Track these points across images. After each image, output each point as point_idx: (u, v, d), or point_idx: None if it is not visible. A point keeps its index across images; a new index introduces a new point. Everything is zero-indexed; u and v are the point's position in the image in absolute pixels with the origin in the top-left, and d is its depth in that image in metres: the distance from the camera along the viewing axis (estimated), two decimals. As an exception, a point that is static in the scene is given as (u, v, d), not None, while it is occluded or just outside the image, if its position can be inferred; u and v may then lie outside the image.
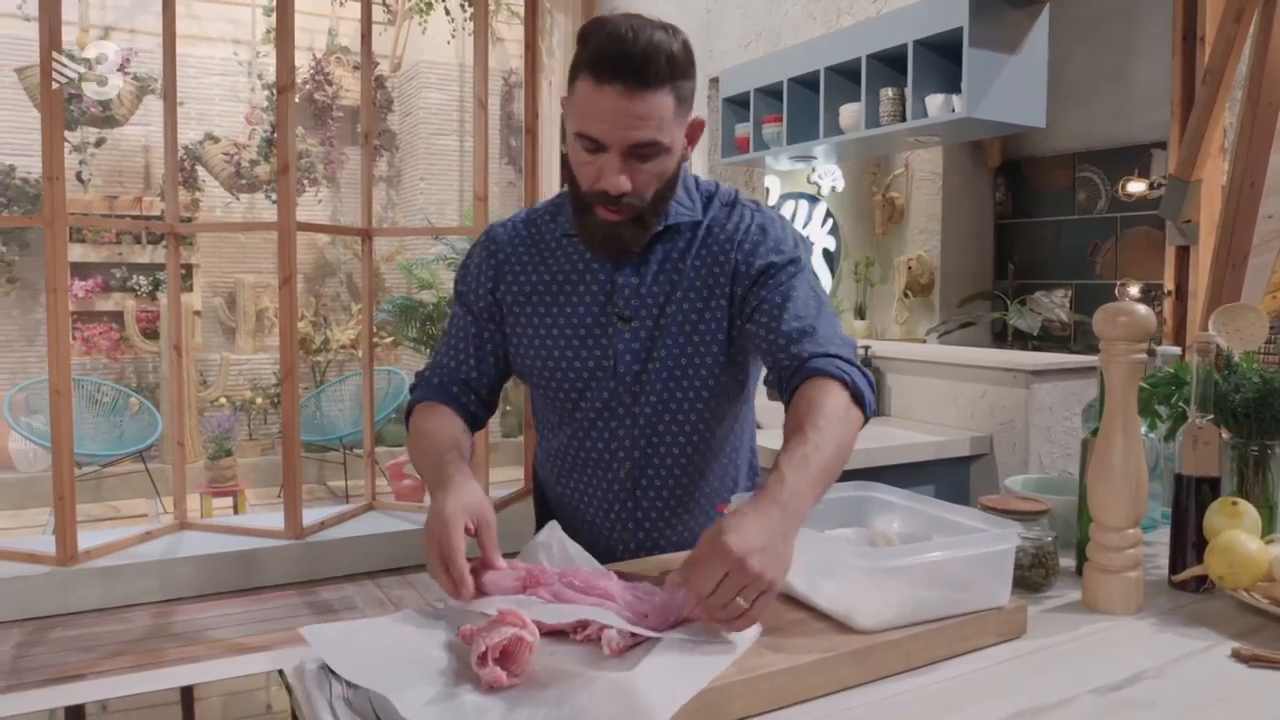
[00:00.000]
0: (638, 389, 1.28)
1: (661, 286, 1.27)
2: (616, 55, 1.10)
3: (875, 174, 5.25)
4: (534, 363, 1.32)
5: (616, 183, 1.16)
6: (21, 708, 0.86)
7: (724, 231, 1.29)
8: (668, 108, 1.14)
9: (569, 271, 1.30)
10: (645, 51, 1.10)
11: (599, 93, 1.12)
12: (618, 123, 1.13)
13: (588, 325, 1.28)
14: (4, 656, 3.14)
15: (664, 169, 1.19)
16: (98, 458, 5.18)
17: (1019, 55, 2.47)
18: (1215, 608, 1.14)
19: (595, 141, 1.15)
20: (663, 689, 0.79)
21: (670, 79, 1.13)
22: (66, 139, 5.37)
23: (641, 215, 1.21)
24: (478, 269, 1.36)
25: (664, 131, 1.15)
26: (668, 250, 1.28)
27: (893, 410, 2.74)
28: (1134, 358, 1.11)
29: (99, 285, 5.67)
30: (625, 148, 1.14)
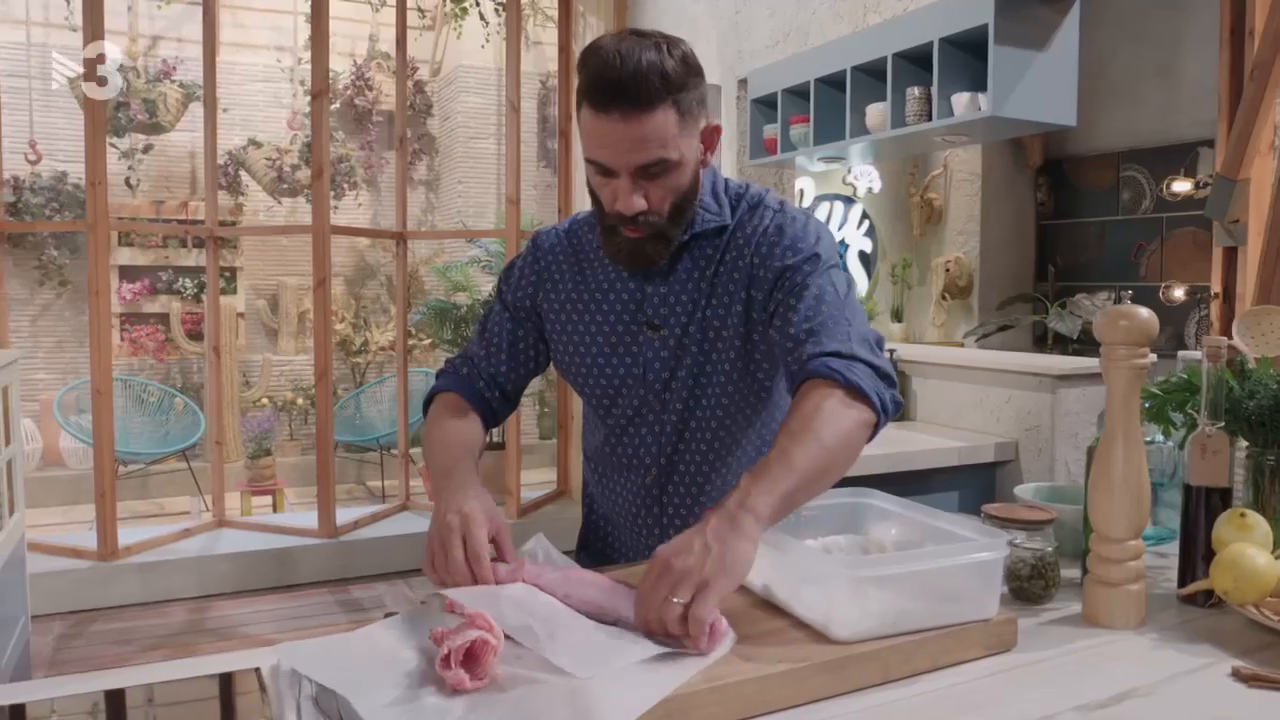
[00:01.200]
0: (666, 396, 1.30)
1: (690, 295, 1.29)
2: (609, 83, 1.11)
3: (913, 175, 5.18)
4: (571, 369, 1.36)
5: (630, 203, 1.17)
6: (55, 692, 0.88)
7: (743, 235, 1.28)
8: (669, 124, 1.14)
9: (602, 282, 1.33)
10: (635, 75, 1.10)
11: (599, 121, 1.13)
12: (621, 148, 1.14)
13: (618, 334, 1.31)
14: (46, 647, 3.24)
15: (678, 183, 1.20)
16: (143, 456, 5.31)
17: (1047, 52, 2.41)
18: (1222, 624, 1.10)
19: (604, 167, 1.17)
20: (619, 697, 0.78)
21: (667, 95, 1.12)
22: (115, 145, 5.54)
23: (663, 230, 1.22)
24: (521, 273, 1.40)
25: (669, 148, 1.15)
26: (695, 259, 1.29)
27: (918, 415, 2.69)
28: (1135, 363, 1.08)
29: (146, 288, 5.81)
30: (633, 170, 1.16)
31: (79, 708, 0.91)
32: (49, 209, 5.47)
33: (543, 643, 0.87)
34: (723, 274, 1.27)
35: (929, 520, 1.12)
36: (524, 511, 4.48)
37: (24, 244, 5.56)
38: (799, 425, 1.06)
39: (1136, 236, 4.50)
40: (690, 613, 0.88)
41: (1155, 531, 1.42)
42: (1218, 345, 1.16)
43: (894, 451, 2.27)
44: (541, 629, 0.89)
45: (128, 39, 5.59)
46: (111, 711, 0.93)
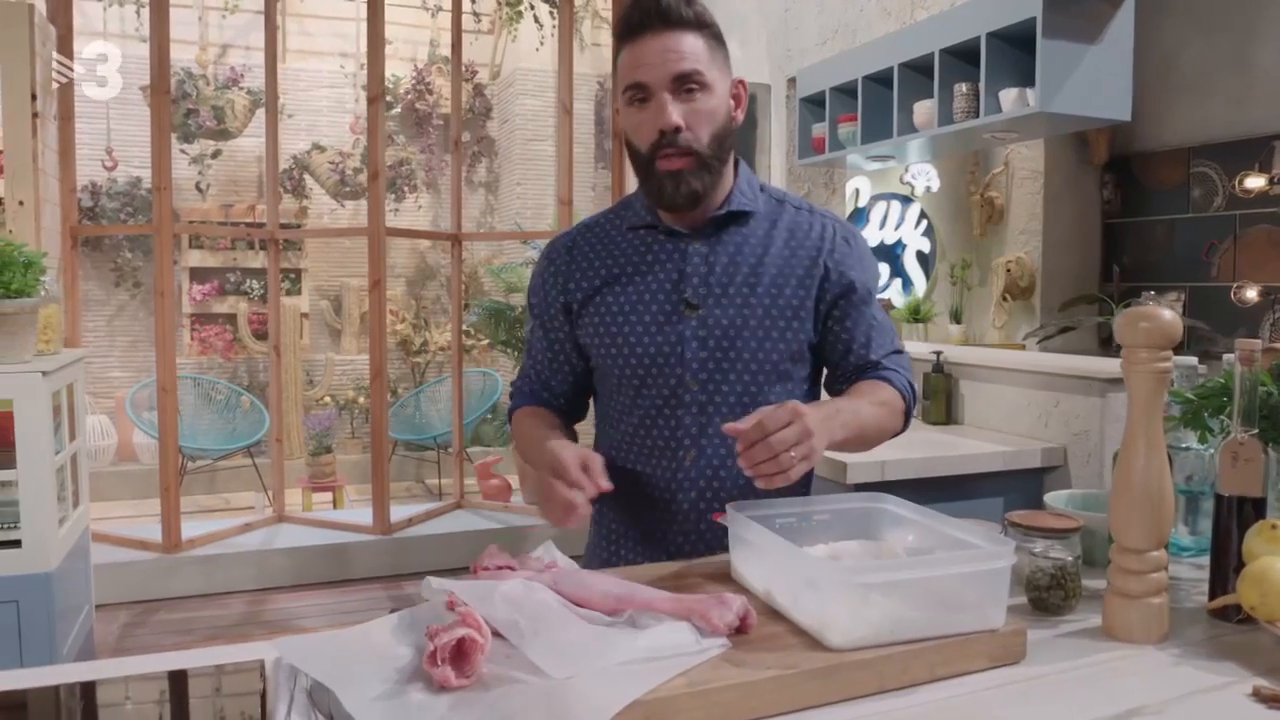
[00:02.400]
0: (704, 376, 1.30)
1: (731, 277, 1.30)
2: (643, 8, 1.22)
3: (973, 173, 5.06)
4: (607, 348, 1.35)
5: (669, 117, 1.21)
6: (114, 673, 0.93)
7: (808, 236, 1.33)
8: (701, 47, 1.23)
9: (637, 261, 1.34)
10: (667, 2, 1.21)
11: (636, 46, 1.23)
12: (656, 60, 1.21)
13: (653, 312, 1.31)
14: (111, 635, 3.37)
15: (713, 109, 1.24)
16: (210, 452, 5.49)
17: (1100, 45, 2.33)
18: (1252, 641, 1.05)
19: (641, 87, 1.23)
20: (594, 698, 0.78)
21: (697, 25, 1.23)
22: (185, 151, 5.73)
23: (705, 160, 1.25)
24: (541, 280, 1.42)
25: (702, 65, 1.22)
26: (736, 241, 1.32)
27: (965, 418, 2.63)
28: (1157, 366, 1.03)
29: (215, 289, 6.01)
30: (669, 82, 1.21)
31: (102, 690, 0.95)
32: (123, 213, 5.69)
33: (526, 640, 0.87)
34: (773, 261, 1.31)
35: (942, 527, 1.09)
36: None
37: (100, 247, 5.79)
38: (879, 401, 1.27)
39: (1207, 235, 4.32)
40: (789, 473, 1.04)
41: (1195, 542, 1.36)
42: (1251, 347, 1.11)
43: (935, 455, 2.22)
44: (528, 626, 0.89)
45: (198, 48, 5.78)
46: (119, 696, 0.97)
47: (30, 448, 2.40)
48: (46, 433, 2.43)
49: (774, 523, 1.15)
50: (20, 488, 2.39)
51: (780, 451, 1.04)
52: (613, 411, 1.40)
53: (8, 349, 2.36)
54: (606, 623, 0.96)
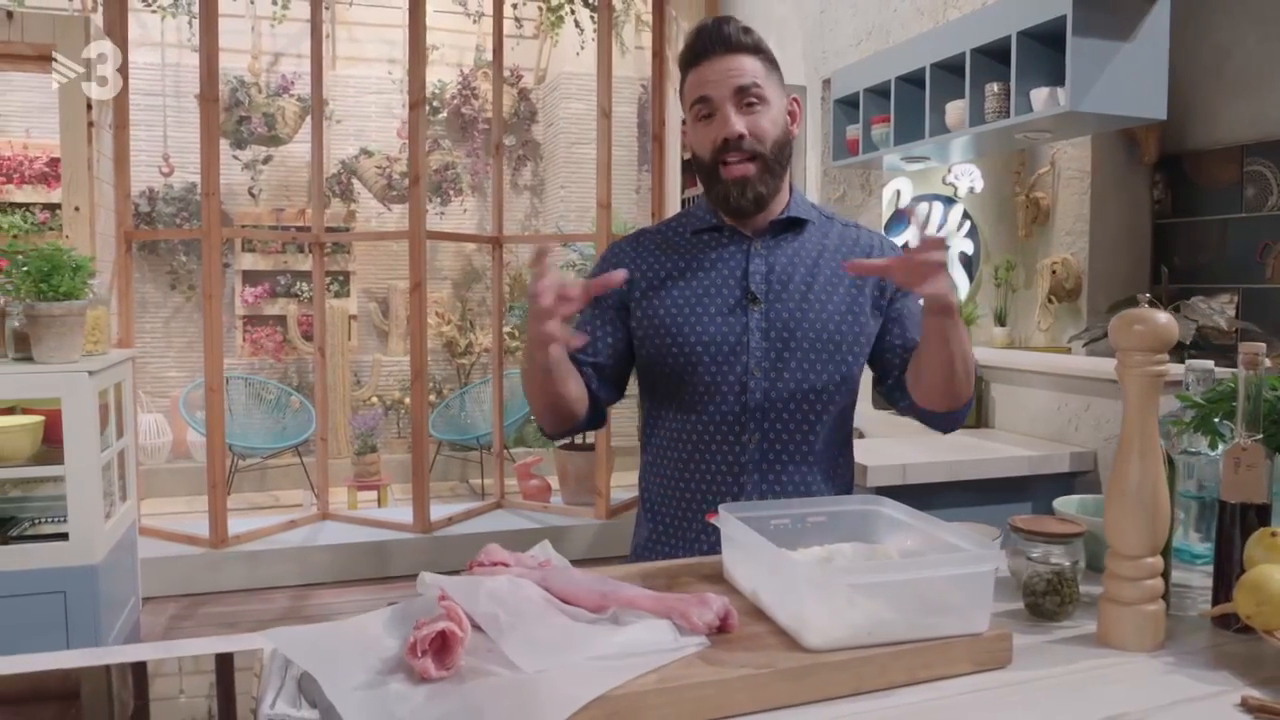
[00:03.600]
0: (766, 365, 1.37)
1: (790, 276, 1.40)
2: (705, 36, 1.35)
3: (1018, 173, 4.97)
4: (670, 338, 1.39)
5: (733, 126, 1.33)
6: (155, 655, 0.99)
7: (859, 245, 1.46)
8: (759, 67, 1.35)
9: (701, 259, 1.42)
10: (725, 29, 1.35)
11: (700, 69, 1.35)
12: (720, 78, 1.33)
13: (719, 304, 1.39)
14: (158, 627, 3.48)
15: (773, 119, 1.36)
16: (260, 450, 5.63)
17: (1134, 42, 2.28)
18: (1250, 650, 1.03)
19: (706, 101, 1.35)
20: (560, 692, 0.79)
21: (754, 49, 1.35)
22: (238, 157, 5.89)
23: (768, 162, 1.36)
24: (602, 265, 1.49)
25: (761, 81, 1.34)
26: (794, 246, 1.42)
27: (996, 422, 2.59)
28: (1151, 369, 1.02)
29: (266, 291, 6.16)
30: (732, 94, 1.33)
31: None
32: (179, 218, 5.87)
33: (504, 633, 0.89)
34: (827, 264, 1.42)
35: (935, 531, 1.09)
36: (613, 513, 4.53)
37: (157, 251, 5.98)
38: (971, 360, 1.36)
39: (1262, 235, 4.19)
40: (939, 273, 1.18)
41: (1208, 549, 1.33)
42: (1255, 351, 1.08)
43: (961, 459, 2.19)
44: (506, 621, 0.91)
45: (250, 56, 5.94)
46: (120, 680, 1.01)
47: (77, 444, 2.49)
48: (93, 430, 2.52)
49: (768, 524, 1.16)
50: (67, 483, 2.49)
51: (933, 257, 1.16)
52: (672, 402, 1.42)
53: (56, 349, 2.46)
54: (589, 619, 0.97)
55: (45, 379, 2.47)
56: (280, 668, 0.96)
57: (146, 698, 1.02)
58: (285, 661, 0.97)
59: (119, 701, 0.99)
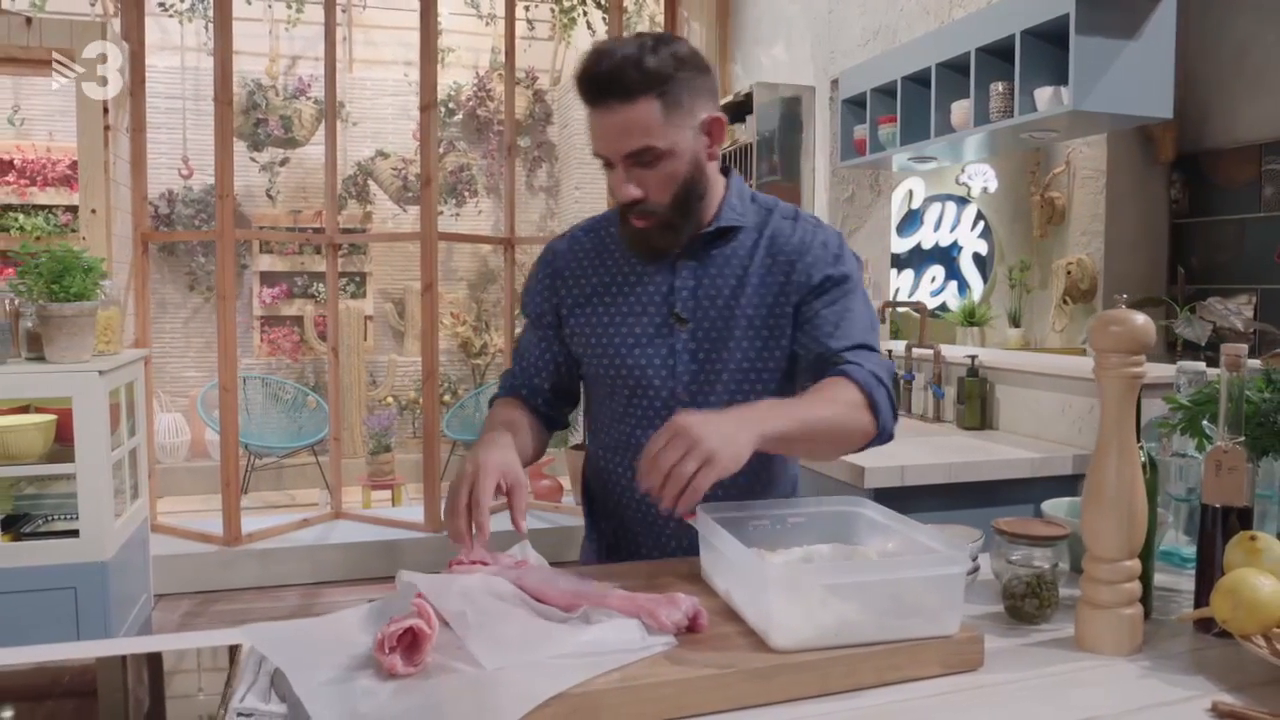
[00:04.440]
0: (695, 388, 1.31)
1: (720, 290, 1.31)
2: (589, 79, 1.19)
3: (1034, 173, 4.94)
4: (597, 357, 1.36)
5: (626, 191, 1.23)
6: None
7: (788, 243, 1.33)
8: (652, 114, 1.19)
9: (628, 273, 1.35)
10: (612, 70, 1.17)
11: (591, 115, 1.22)
12: (609, 136, 1.21)
13: (644, 325, 1.33)
14: (172, 623, 3.52)
15: (673, 172, 1.23)
16: (276, 450, 5.68)
17: (1139, 41, 2.25)
18: (1229, 655, 1.02)
19: (603, 158, 1.24)
20: (519, 689, 0.80)
21: (648, 88, 1.17)
22: (255, 159, 5.95)
23: (668, 220, 1.26)
24: (536, 283, 1.44)
25: (655, 137, 1.19)
26: (726, 254, 1.32)
27: (1000, 423, 2.57)
28: (1128, 371, 1.01)
29: (284, 292, 6.22)
30: (623, 158, 1.21)
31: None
32: (198, 219, 5.94)
33: (471, 630, 0.90)
34: (755, 272, 1.31)
35: (912, 533, 1.08)
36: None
37: (176, 252, 6.05)
38: (830, 397, 1.20)
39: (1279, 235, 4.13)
40: (694, 482, 1.00)
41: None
42: (1237, 353, 1.07)
43: (961, 461, 2.18)
44: (473, 618, 0.92)
45: (268, 59, 6.00)
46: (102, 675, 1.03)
47: (88, 443, 2.53)
48: (103, 429, 2.56)
49: (747, 525, 1.16)
50: (78, 481, 2.52)
51: (671, 468, 1.01)
52: (604, 418, 1.42)
53: (67, 349, 2.50)
54: (560, 618, 0.98)
55: (57, 378, 2.51)
56: (255, 663, 0.97)
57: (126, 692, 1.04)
58: (260, 657, 0.98)
59: (74, 697, 1.01)
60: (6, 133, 5.80)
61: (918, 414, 2.87)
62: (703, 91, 1.23)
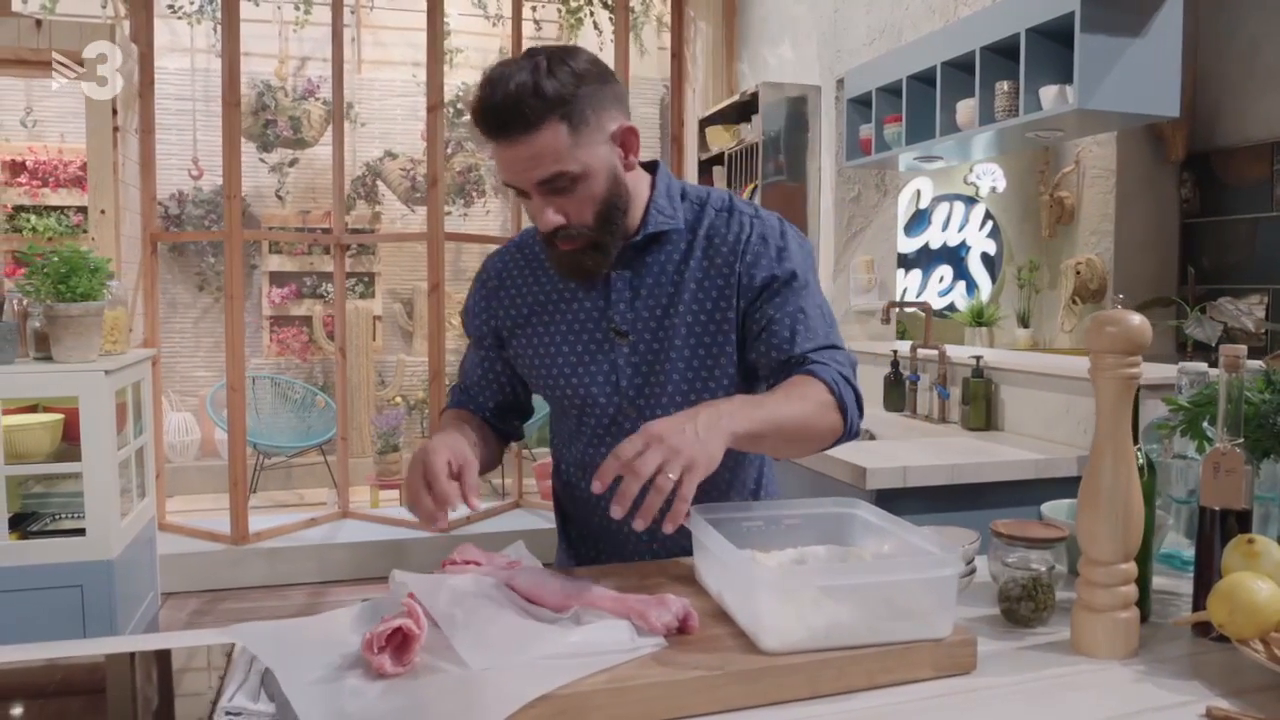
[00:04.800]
0: (642, 402, 1.28)
1: (658, 299, 1.27)
2: (484, 114, 1.12)
3: (1043, 172, 4.91)
4: (541, 379, 1.34)
5: (545, 220, 1.17)
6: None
7: (725, 241, 1.27)
8: (557, 139, 1.12)
9: (563, 290, 1.31)
10: (505, 101, 1.10)
11: (494, 148, 1.15)
12: (517, 168, 1.14)
13: (584, 341, 1.29)
14: (179, 621, 3.54)
15: (592, 193, 1.17)
16: (285, 449, 5.70)
17: (1145, 39, 2.24)
18: (1226, 659, 1.01)
19: (513, 188, 1.18)
20: (504, 689, 0.80)
21: (548, 112, 1.11)
22: (264, 160, 5.97)
23: (594, 240, 1.20)
24: (474, 302, 1.41)
25: (564, 161, 1.13)
26: (660, 261, 1.27)
27: (1005, 424, 2.56)
28: (1124, 372, 1.00)
29: (293, 292, 6.24)
30: (535, 187, 1.15)
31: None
32: (207, 220, 5.96)
33: (457, 630, 0.90)
34: (692, 275, 1.26)
35: (906, 535, 1.08)
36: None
37: (186, 252, 6.08)
38: (799, 395, 1.16)
39: (1292, 235, 4.10)
40: (680, 491, 0.97)
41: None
42: (1236, 353, 1.06)
43: (964, 462, 2.17)
44: (462, 618, 0.92)
45: (277, 60, 6.02)
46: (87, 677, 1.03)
47: (94, 442, 2.54)
48: (109, 428, 2.57)
49: (741, 526, 1.16)
50: (84, 479, 2.54)
51: (650, 477, 0.96)
52: (562, 434, 1.41)
53: (74, 349, 2.51)
54: (550, 619, 0.98)
55: (63, 378, 2.52)
56: (246, 663, 0.97)
57: (104, 690, 1.04)
58: (251, 657, 0.98)
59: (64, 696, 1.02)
60: (19, 134, 5.83)
61: (923, 415, 2.86)
62: (609, 103, 1.16)
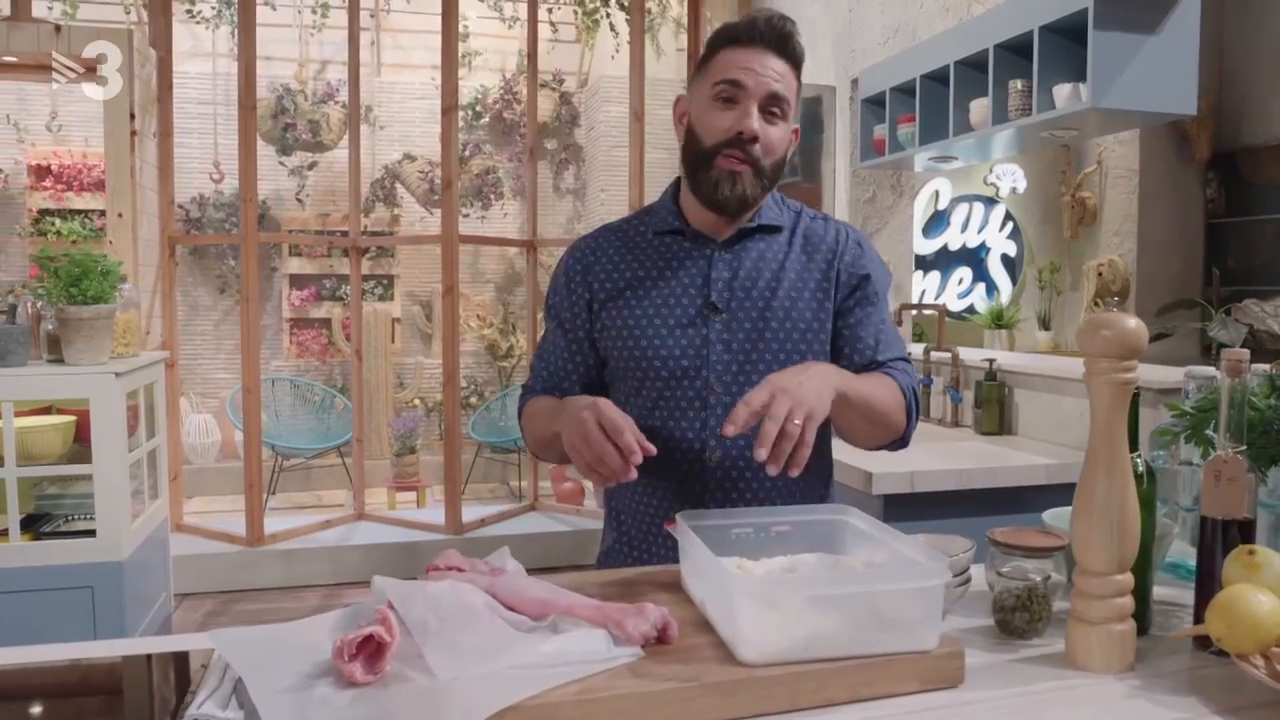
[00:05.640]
0: (728, 379, 1.32)
1: (755, 282, 1.34)
2: (766, 24, 1.28)
3: (1064, 173, 4.84)
4: (629, 350, 1.35)
5: (752, 125, 1.27)
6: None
7: (824, 241, 1.39)
8: (794, 83, 1.31)
9: (662, 266, 1.37)
10: (787, 31, 1.30)
11: (746, 51, 1.27)
12: (763, 72, 1.27)
13: (678, 315, 1.34)
14: (193, 623, 3.56)
15: (783, 137, 1.31)
16: (303, 451, 5.73)
17: (1160, 36, 2.19)
18: (1227, 674, 0.97)
19: (737, 85, 1.27)
20: (472, 699, 0.78)
21: (798, 64, 1.32)
22: (284, 163, 6.02)
23: (762, 173, 1.30)
24: (565, 279, 1.43)
25: (791, 99, 1.30)
26: (761, 249, 1.36)
27: (1019, 429, 2.52)
28: (1119, 377, 0.97)
29: (312, 295, 6.29)
30: (763, 97, 1.27)
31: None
32: (228, 223, 6.02)
33: (429, 638, 0.88)
34: (791, 266, 1.36)
35: (894, 543, 1.05)
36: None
37: (207, 255, 6.14)
38: (884, 385, 1.30)
39: (1321, 235, 4.01)
40: (804, 436, 1.05)
41: (1207, 566, 1.27)
42: (1238, 358, 1.03)
43: (974, 468, 2.13)
44: (435, 625, 0.90)
45: (297, 64, 6.07)
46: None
47: (104, 444, 2.56)
48: (120, 430, 2.59)
49: (729, 533, 1.13)
50: (95, 481, 2.56)
51: (784, 424, 1.04)
52: (632, 413, 1.36)
53: (85, 352, 2.53)
54: (528, 627, 0.96)
55: (74, 380, 2.54)
56: (222, 669, 0.97)
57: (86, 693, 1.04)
58: (227, 663, 0.97)
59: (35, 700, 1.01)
60: (44, 139, 5.92)
61: (936, 419, 2.82)
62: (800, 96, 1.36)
